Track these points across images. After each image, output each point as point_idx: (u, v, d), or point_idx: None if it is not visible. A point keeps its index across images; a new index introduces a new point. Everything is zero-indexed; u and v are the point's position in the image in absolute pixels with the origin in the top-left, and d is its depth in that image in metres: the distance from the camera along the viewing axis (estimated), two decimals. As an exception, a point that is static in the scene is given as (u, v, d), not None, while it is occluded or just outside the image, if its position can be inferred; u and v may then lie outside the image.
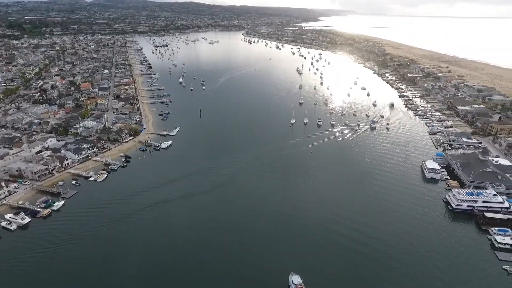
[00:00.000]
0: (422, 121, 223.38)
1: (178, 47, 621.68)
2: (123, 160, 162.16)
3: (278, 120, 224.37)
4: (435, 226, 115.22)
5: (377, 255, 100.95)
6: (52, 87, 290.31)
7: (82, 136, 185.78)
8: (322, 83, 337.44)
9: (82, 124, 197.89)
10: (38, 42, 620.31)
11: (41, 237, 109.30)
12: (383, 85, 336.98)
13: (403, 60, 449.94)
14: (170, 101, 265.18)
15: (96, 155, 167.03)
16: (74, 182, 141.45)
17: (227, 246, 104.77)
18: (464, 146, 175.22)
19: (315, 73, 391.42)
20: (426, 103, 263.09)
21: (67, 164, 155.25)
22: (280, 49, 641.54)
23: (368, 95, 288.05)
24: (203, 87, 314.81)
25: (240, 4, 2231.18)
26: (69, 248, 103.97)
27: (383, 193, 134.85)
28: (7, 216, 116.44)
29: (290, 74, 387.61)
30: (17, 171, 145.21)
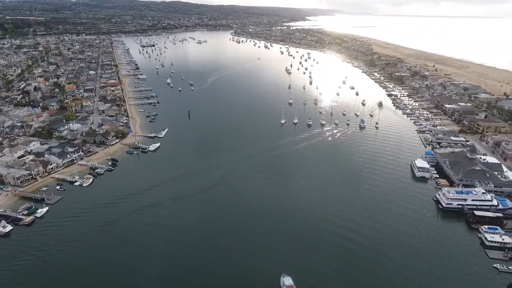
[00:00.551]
0: (411, 119, 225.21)
1: (165, 47, 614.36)
2: (110, 163, 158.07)
3: (268, 120, 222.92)
4: (426, 225, 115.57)
5: (368, 254, 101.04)
6: (35, 88, 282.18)
7: (66, 139, 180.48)
8: (311, 83, 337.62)
9: (66, 127, 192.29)
10: (21, 42, 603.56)
11: (25, 244, 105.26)
12: (371, 84, 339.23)
13: (390, 59, 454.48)
14: (158, 102, 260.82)
15: (82, 158, 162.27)
16: (58, 187, 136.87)
17: (217, 248, 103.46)
18: (452, 144, 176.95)
19: (304, 72, 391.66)
20: (414, 101, 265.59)
21: (51, 168, 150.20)
22: (268, 48, 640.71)
23: (357, 94, 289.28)
24: (192, 88, 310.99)
25: (228, 4, 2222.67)
26: (55, 254, 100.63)
27: (374, 192, 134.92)
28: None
29: (279, 74, 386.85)
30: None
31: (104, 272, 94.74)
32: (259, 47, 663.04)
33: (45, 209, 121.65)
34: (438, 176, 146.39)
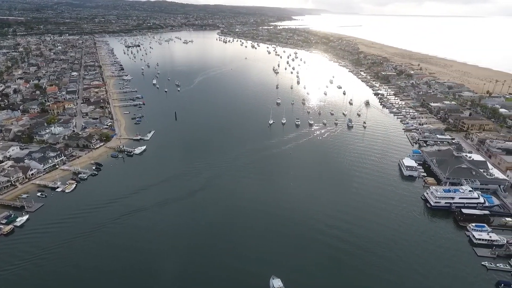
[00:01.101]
0: (397, 118, 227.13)
1: (151, 47, 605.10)
2: (94, 168, 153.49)
3: (256, 120, 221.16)
4: (415, 224, 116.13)
5: (358, 253, 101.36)
6: (15, 91, 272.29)
7: (48, 143, 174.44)
8: (298, 82, 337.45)
9: (48, 130, 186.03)
10: (0, 43, 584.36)
11: (6, 253, 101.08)
12: (358, 83, 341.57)
13: (376, 58, 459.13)
14: (144, 103, 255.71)
15: (64, 163, 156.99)
16: (39, 194, 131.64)
17: (206, 251, 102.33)
18: (439, 142, 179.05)
19: (292, 72, 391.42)
20: (400, 100, 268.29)
21: (32, 174, 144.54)
22: (255, 48, 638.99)
23: (344, 93, 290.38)
24: (178, 88, 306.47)
25: (214, 3, 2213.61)
26: (39, 263, 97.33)
27: (363, 191, 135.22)
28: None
29: (267, 74, 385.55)
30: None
31: (92, 278, 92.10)
32: (246, 47, 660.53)
33: (25, 217, 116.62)
34: (425, 174, 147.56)
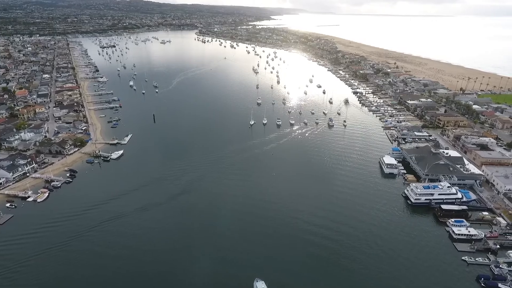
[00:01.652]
0: (376, 116, 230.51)
1: (127, 48, 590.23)
2: (68, 175, 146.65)
3: (237, 121, 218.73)
4: (397, 221, 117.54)
5: (342, 252, 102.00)
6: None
7: (18, 150, 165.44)
8: (278, 82, 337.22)
9: (17, 136, 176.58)
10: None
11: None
12: (337, 82, 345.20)
13: (354, 57, 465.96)
14: (120, 106, 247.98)
15: (35, 171, 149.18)
16: (8, 205, 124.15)
17: (188, 254, 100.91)
18: (417, 139, 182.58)
19: (271, 72, 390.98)
20: (379, 98, 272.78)
21: (0, 184, 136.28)
22: (234, 48, 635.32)
23: (324, 92, 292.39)
24: (156, 90, 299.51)
25: (192, 3, 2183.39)
26: (12, 277, 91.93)
27: (345, 190, 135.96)
28: None
29: (247, 74, 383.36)
30: None
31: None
32: (225, 46, 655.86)
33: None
34: (405, 171, 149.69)
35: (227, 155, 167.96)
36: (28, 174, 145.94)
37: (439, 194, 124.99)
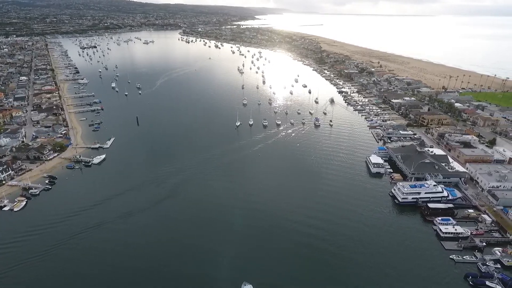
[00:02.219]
0: (362, 115, 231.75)
1: (109, 49, 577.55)
2: (47, 181, 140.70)
3: (223, 122, 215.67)
4: (384, 220, 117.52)
5: (330, 252, 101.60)
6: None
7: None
8: (264, 82, 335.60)
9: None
10: None
11: None
12: (322, 81, 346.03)
13: (338, 57, 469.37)
14: (102, 108, 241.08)
15: (12, 178, 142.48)
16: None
17: (175, 259, 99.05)
18: (402, 138, 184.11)
19: (257, 72, 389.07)
20: (364, 97, 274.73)
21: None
22: (219, 48, 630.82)
23: (309, 92, 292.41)
24: (139, 92, 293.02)
25: (175, 3, 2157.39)
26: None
27: (333, 190, 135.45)
28: None
29: (232, 74, 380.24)
30: None
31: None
32: (209, 46, 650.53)
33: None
34: (392, 171, 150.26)
35: (213, 157, 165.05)
36: (4, 182, 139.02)
37: (425, 193, 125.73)
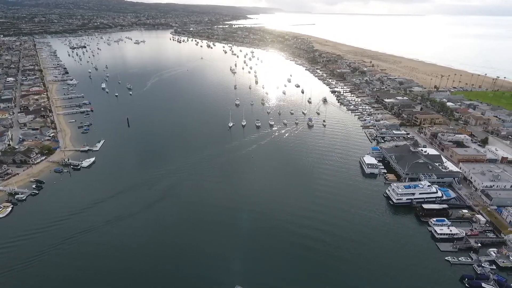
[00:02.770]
0: (355, 115, 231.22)
1: (99, 48, 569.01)
2: (34, 186, 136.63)
3: (215, 123, 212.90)
4: (379, 221, 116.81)
5: (325, 254, 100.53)
6: None
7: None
8: (257, 82, 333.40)
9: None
10: None
11: None
12: (315, 81, 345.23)
13: (331, 56, 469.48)
14: (92, 110, 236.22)
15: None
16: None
17: (167, 261, 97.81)
18: (395, 138, 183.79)
19: (249, 72, 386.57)
20: (356, 97, 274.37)
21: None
22: (211, 48, 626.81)
23: (302, 92, 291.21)
24: (130, 92, 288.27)
25: (166, 2, 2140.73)
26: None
27: (327, 191, 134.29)
28: None
29: (224, 74, 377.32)
30: None
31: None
32: (201, 46, 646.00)
33: None
34: (386, 171, 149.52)
35: (205, 158, 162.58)
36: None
37: (420, 194, 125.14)
